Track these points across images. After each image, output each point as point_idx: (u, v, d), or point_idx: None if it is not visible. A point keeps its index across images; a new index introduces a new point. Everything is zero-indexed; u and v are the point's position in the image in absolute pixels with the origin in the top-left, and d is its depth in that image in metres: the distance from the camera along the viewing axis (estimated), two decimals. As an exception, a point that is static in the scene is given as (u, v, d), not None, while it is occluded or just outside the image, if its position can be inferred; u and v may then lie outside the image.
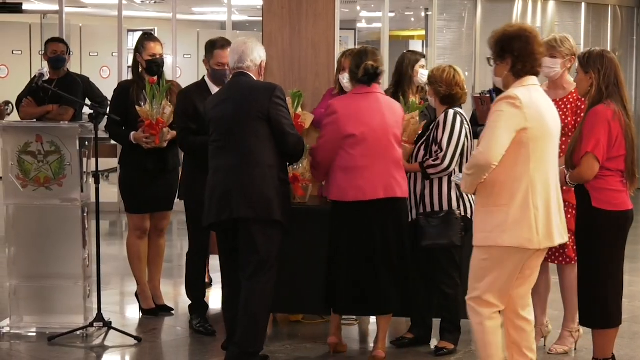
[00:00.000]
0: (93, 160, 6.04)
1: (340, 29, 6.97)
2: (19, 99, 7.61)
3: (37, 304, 6.17)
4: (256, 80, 5.36)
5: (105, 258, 6.43)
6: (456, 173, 5.45)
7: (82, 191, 6.12)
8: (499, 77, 4.55)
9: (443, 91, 5.64)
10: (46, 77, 7.02)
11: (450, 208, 5.58)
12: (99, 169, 5.97)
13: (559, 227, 4.49)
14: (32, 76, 7.65)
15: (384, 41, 12.23)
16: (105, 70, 15.46)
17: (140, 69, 6.45)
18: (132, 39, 14.71)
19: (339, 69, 6.33)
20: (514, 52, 4.43)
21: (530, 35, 4.45)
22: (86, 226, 6.17)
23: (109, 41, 14.38)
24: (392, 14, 14.69)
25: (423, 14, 16.73)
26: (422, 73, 6.68)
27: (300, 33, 6.59)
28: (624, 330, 5.87)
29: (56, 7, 12.18)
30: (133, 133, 6.27)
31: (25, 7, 13.34)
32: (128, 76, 8.25)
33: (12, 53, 15.20)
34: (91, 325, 5.98)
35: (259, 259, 5.17)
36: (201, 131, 5.73)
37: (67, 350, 5.81)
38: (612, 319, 5.03)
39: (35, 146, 6.07)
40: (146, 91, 6.20)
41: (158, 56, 6.44)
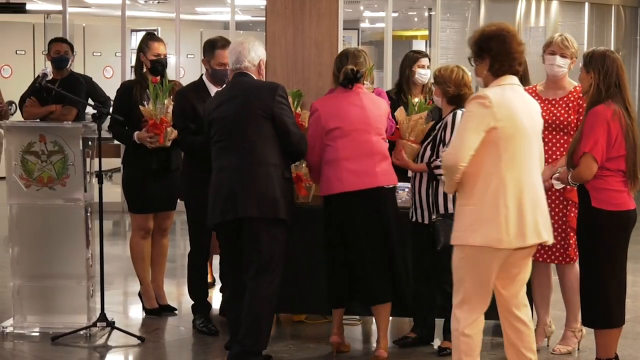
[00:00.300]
0: (96, 160, 6.04)
1: (344, 28, 6.94)
2: (22, 99, 7.61)
3: (41, 303, 6.17)
4: (258, 80, 5.36)
5: (109, 258, 6.44)
6: None
7: (85, 191, 6.12)
8: (479, 76, 4.56)
9: (452, 91, 5.62)
10: (49, 77, 7.03)
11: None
12: (102, 168, 5.96)
13: (536, 226, 4.37)
14: (36, 76, 7.66)
15: (387, 41, 12.22)
16: (108, 70, 15.47)
17: (144, 69, 6.46)
18: (136, 39, 14.72)
19: None
20: (491, 52, 4.43)
21: (508, 34, 4.44)
22: (89, 226, 6.17)
23: (112, 41, 14.38)
24: (395, 14, 14.69)
25: (426, 13, 16.76)
26: (420, 73, 6.68)
27: (304, 33, 6.58)
28: (628, 331, 5.86)
29: (59, 7, 12.18)
30: (137, 133, 6.27)
31: (28, 7, 13.37)
32: (131, 76, 8.24)
33: (16, 53, 15.20)
34: (94, 325, 5.99)
35: (264, 258, 5.17)
36: (200, 131, 5.73)
37: (70, 350, 5.81)
38: (613, 319, 5.02)
39: (38, 146, 6.07)
40: (149, 91, 6.21)
41: (162, 56, 6.45)
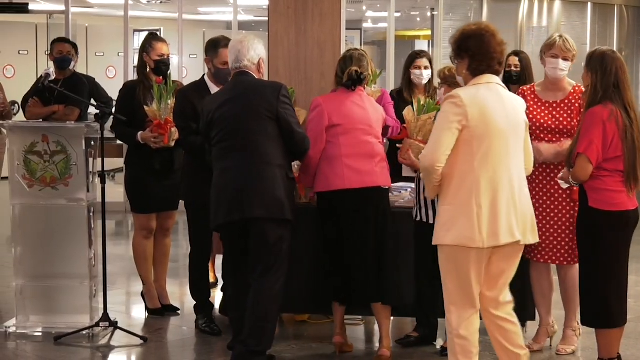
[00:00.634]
0: (99, 160, 6.05)
1: (346, 28, 6.96)
2: (25, 99, 7.61)
3: (44, 303, 6.18)
4: (260, 79, 5.35)
5: (111, 258, 6.44)
6: None
7: (88, 191, 6.13)
8: (459, 75, 4.56)
9: None
10: (52, 77, 7.03)
11: None
12: (105, 168, 5.96)
13: (510, 226, 4.33)
14: (38, 76, 7.66)
15: (390, 41, 12.22)
16: (111, 70, 15.49)
17: (147, 69, 6.46)
18: (138, 39, 14.71)
19: None
20: (469, 51, 4.43)
21: (487, 34, 4.43)
22: (92, 226, 6.18)
23: (115, 41, 14.42)
24: (398, 14, 14.70)
25: (429, 13, 16.72)
26: (415, 73, 6.69)
27: (306, 33, 6.58)
28: (630, 331, 5.86)
29: (62, 7, 12.19)
30: (141, 133, 6.26)
31: (31, 7, 13.39)
32: (134, 76, 8.25)
33: (19, 53, 15.23)
34: (97, 325, 5.99)
35: (270, 259, 5.17)
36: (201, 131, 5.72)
37: (73, 350, 5.81)
38: (613, 318, 5.00)
39: (41, 146, 6.08)
40: (154, 91, 6.20)
41: (166, 56, 6.45)
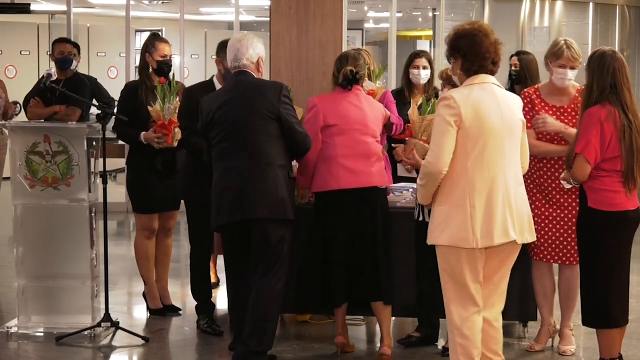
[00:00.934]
0: (101, 160, 6.05)
1: (348, 29, 6.96)
2: (27, 99, 7.62)
3: (45, 303, 6.18)
4: (260, 79, 5.33)
5: (113, 258, 6.44)
6: None
7: (89, 191, 6.13)
8: (454, 75, 4.57)
9: None
10: (54, 78, 7.03)
11: None
12: (107, 169, 5.97)
13: (505, 226, 4.34)
14: (40, 76, 7.67)
15: (392, 41, 12.22)
16: (112, 70, 15.49)
17: (149, 70, 6.45)
18: (140, 39, 14.73)
19: None
20: (461, 51, 4.43)
21: (479, 34, 4.42)
22: (94, 226, 6.18)
23: (116, 41, 14.41)
24: (399, 14, 14.70)
25: (430, 14, 16.73)
26: (412, 73, 6.70)
27: (308, 33, 6.59)
28: (632, 331, 5.85)
29: (64, 8, 12.20)
30: (144, 133, 6.26)
31: (33, 7, 13.36)
32: (135, 76, 8.24)
33: (20, 53, 15.23)
34: (99, 325, 5.99)
35: (271, 259, 5.17)
36: None
37: (74, 350, 5.82)
38: (613, 318, 4.98)
39: (43, 146, 6.08)
40: (157, 91, 6.20)
41: (168, 57, 6.43)
